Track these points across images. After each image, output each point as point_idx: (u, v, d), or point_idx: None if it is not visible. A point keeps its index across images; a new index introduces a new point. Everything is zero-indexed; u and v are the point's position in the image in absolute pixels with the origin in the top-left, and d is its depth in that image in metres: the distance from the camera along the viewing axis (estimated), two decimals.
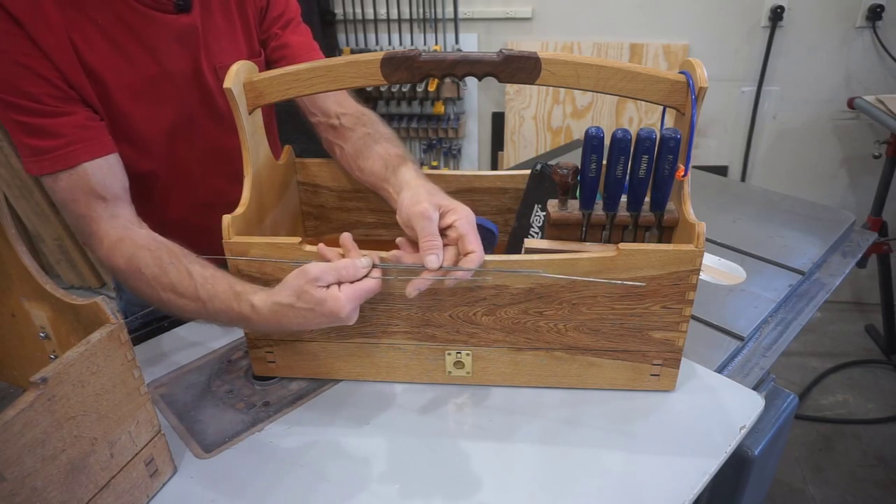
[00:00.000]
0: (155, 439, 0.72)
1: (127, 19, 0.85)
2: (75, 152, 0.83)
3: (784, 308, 1.07)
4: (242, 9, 0.97)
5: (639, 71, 0.76)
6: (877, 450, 2.00)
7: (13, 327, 0.82)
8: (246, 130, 0.83)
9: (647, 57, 2.39)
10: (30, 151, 0.82)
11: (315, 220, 1.10)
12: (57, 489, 0.60)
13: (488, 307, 0.81)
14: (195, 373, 0.93)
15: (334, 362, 0.89)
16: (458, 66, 0.77)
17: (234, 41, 0.97)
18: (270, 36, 1.03)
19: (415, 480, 0.75)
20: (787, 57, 2.33)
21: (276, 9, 1.02)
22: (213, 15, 0.94)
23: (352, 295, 0.72)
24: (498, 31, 2.47)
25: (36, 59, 0.80)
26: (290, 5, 1.04)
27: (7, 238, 0.76)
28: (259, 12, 1.01)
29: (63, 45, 0.81)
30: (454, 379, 0.88)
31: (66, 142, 0.82)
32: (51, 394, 0.58)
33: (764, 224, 1.31)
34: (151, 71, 0.89)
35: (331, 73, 0.80)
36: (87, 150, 0.84)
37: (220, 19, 0.95)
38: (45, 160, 0.82)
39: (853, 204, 2.52)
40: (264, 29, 1.02)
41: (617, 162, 0.79)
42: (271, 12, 1.01)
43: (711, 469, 0.75)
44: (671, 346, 0.82)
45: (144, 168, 0.94)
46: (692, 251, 0.75)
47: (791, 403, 0.93)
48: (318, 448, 0.80)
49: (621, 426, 0.82)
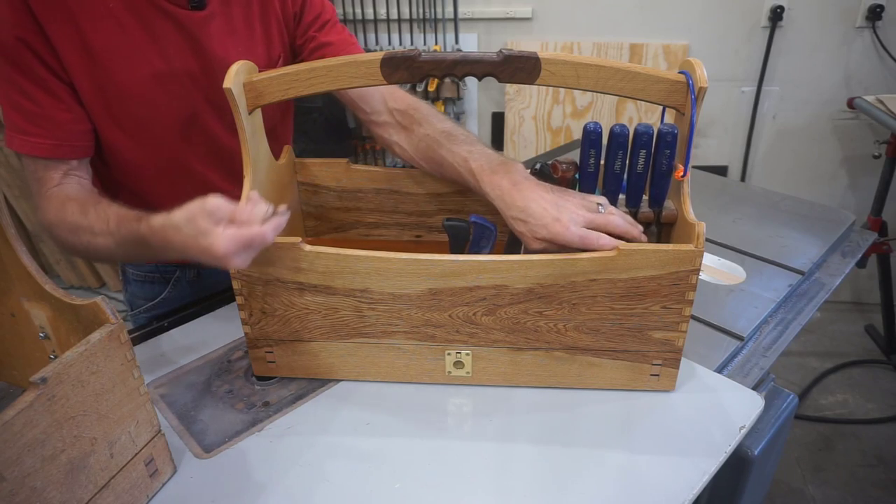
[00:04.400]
0: (155, 439, 0.72)
1: (139, 8, 0.86)
2: (60, 148, 0.87)
3: (784, 308, 1.07)
4: (265, 16, 0.97)
5: (638, 71, 0.76)
6: (876, 450, 2.00)
7: (13, 327, 0.82)
8: (246, 130, 0.83)
9: (647, 57, 2.39)
10: (15, 128, 0.86)
11: (315, 220, 1.10)
12: (57, 489, 0.60)
13: (488, 307, 0.81)
14: (195, 373, 0.93)
15: (334, 362, 0.89)
16: (458, 66, 0.77)
17: (250, 44, 0.96)
18: (308, 39, 1.02)
19: (415, 480, 0.75)
20: (786, 57, 2.33)
21: (311, 13, 1.01)
22: (231, 16, 0.93)
23: (234, 237, 0.68)
24: (498, 31, 2.47)
25: (33, 34, 0.81)
26: (326, 7, 1.04)
27: (7, 238, 0.76)
28: (293, 18, 1.00)
29: (66, 25, 0.82)
30: (454, 379, 0.88)
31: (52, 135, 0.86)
32: (50, 394, 0.58)
33: (764, 224, 1.31)
34: (155, 63, 0.89)
35: (331, 73, 0.80)
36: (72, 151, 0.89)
37: (239, 22, 0.94)
38: (26, 142, 0.86)
39: (853, 204, 2.52)
40: (300, 34, 1.02)
41: (615, 157, 0.79)
42: (307, 16, 1.01)
43: (711, 469, 0.75)
44: (671, 346, 0.82)
45: (136, 156, 0.94)
46: (692, 251, 0.75)
47: (791, 403, 0.93)
48: (318, 448, 0.80)
49: (621, 426, 0.82)
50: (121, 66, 0.87)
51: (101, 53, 0.85)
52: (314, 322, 0.85)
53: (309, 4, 1.01)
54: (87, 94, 0.87)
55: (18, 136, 0.86)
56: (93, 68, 0.85)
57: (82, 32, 0.83)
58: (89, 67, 0.85)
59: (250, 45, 0.96)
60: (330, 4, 1.05)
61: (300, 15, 1.01)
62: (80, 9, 0.82)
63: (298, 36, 1.02)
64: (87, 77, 0.86)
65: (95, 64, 0.85)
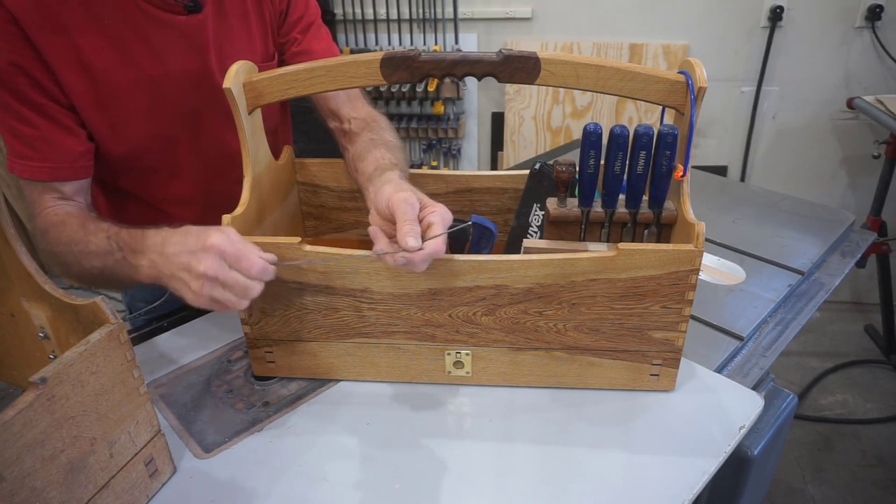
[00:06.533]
0: (154, 439, 0.72)
1: (134, 20, 0.85)
2: (59, 171, 0.87)
3: (783, 308, 1.07)
4: (260, 11, 0.97)
5: (638, 71, 0.76)
6: (876, 450, 2.00)
7: (13, 327, 0.82)
8: (245, 130, 0.83)
9: (647, 57, 2.39)
10: (14, 153, 0.86)
11: (315, 220, 1.10)
12: (56, 489, 0.60)
13: (488, 307, 0.81)
14: (195, 373, 0.93)
15: (334, 362, 0.89)
16: (458, 66, 0.77)
17: (249, 43, 0.96)
18: (290, 40, 1.02)
19: (415, 480, 0.75)
20: (786, 57, 2.33)
21: (295, 12, 1.01)
22: (227, 16, 0.93)
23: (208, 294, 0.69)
24: (498, 31, 2.47)
25: (28, 59, 0.80)
26: (310, 8, 1.03)
27: (7, 238, 0.76)
28: (279, 15, 1.00)
29: (62, 44, 0.81)
30: (454, 379, 0.88)
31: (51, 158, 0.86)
32: (50, 394, 0.58)
33: (763, 224, 1.31)
34: (155, 71, 0.88)
35: (330, 74, 0.80)
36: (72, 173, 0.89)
37: (235, 20, 0.94)
38: (26, 167, 0.87)
39: (853, 204, 2.52)
40: (283, 33, 1.01)
41: (615, 158, 0.79)
42: (291, 15, 1.01)
43: (711, 469, 0.75)
44: (671, 345, 0.82)
45: (139, 163, 0.95)
46: (692, 251, 0.75)
47: (790, 403, 0.93)
48: (317, 448, 0.80)
49: (621, 426, 0.82)
50: (119, 79, 0.86)
51: (98, 68, 0.84)
52: (314, 322, 0.85)
53: (293, 4, 1.01)
54: (88, 110, 0.87)
55: (19, 162, 0.86)
56: (91, 84, 0.85)
57: (79, 50, 0.83)
58: (87, 84, 0.85)
59: (248, 45, 0.96)
60: (315, 5, 1.05)
61: (285, 14, 1.00)
62: (76, 26, 0.82)
63: (281, 35, 1.02)
64: (86, 94, 0.85)
65: (94, 80, 0.85)
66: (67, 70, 0.83)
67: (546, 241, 0.85)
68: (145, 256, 0.74)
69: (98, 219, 0.85)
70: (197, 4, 0.89)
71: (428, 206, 0.74)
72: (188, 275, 0.69)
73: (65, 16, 0.81)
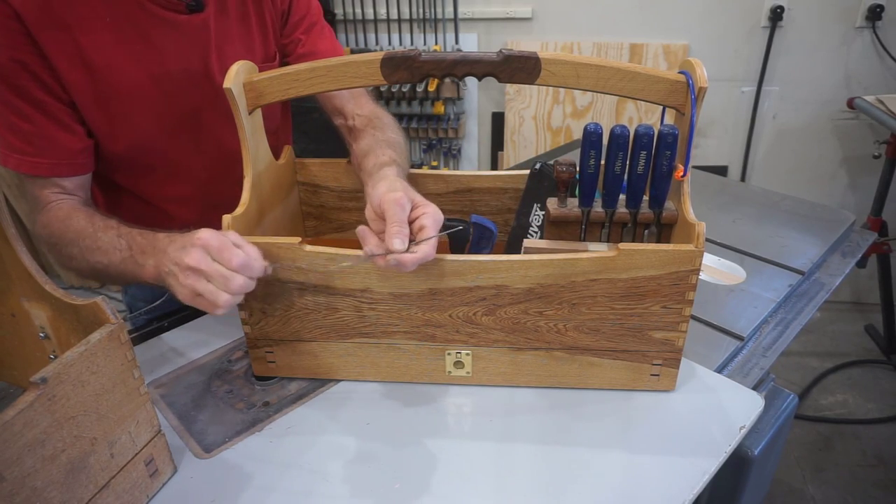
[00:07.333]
0: (155, 439, 0.72)
1: (136, 19, 0.85)
2: (58, 167, 0.88)
3: (784, 308, 1.07)
4: (260, 12, 0.97)
5: (638, 71, 0.76)
6: (877, 450, 2.00)
7: (13, 327, 0.82)
8: (246, 130, 0.83)
9: (647, 57, 2.39)
10: (9, 147, 0.86)
11: (315, 220, 1.10)
12: (57, 489, 0.60)
13: (488, 307, 0.81)
14: (195, 373, 0.93)
15: (334, 362, 0.89)
16: (458, 66, 0.77)
17: (249, 44, 0.96)
18: (294, 41, 1.02)
19: (415, 480, 0.75)
20: (786, 57, 2.33)
21: (297, 12, 1.01)
22: (228, 16, 0.93)
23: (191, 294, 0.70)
24: (498, 31, 2.47)
25: (30, 55, 0.80)
26: (312, 8, 1.04)
27: (7, 238, 0.76)
28: (280, 16, 1.00)
29: (64, 41, 0.81)
30: (454, 379, 0.88)
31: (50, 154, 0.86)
32: (51, 394, 0.58)
33: (764, 224, 1.31)
34: (156, 70, 0.89)
35: (331, 73, 0.80)
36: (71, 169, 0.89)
37: (235, 20, 0.94)
38: (22, 161, 0.86)
39: (853, 204, 2.52)
40: (286, 33, 1.01)
41: (615, 158, 0.79)
42: (293, 16, 1.01)
43: (711, 469, 0.75)
44: (671, 346, 0.82)
45: (139, 161, 0.95)
46: (692, 251, 0.75)
47: (791, 403, 0.93)
48: (318, 448, 0.80)
49: (621, 426, 0.82)
50: (120, 77, 0.86)
51: (100, 66, 0.85)
52: (314, 322, 0.85)
53: (296, 4, 1.01)
54: (88, 108, 0.87)
55: (14, 156, 0.86)
56: (92, 82, 0.85)
57: (80, 48, 0.83)
58: (89, 81, 0.85)
59: (249, 45, 0.96)
60: (317, 4, 1.05)
61: (287, 14, 1.01)
62: (78, 24, 0.82)
63: (284, 35, 1.02)
64: (87, 91, 0.85)
65: (95, 77, 0.85)
66: (69, 67, 0.83)
67: (546, 241, 0.85)
68: (152, 256, 0.76)
69: (104, 215, 0.86)
70: (199, 4, 0.89)
71: (420, 207, 0.75)
72: (177, 268, 0.71)
73: (68, 13, 0.81)
